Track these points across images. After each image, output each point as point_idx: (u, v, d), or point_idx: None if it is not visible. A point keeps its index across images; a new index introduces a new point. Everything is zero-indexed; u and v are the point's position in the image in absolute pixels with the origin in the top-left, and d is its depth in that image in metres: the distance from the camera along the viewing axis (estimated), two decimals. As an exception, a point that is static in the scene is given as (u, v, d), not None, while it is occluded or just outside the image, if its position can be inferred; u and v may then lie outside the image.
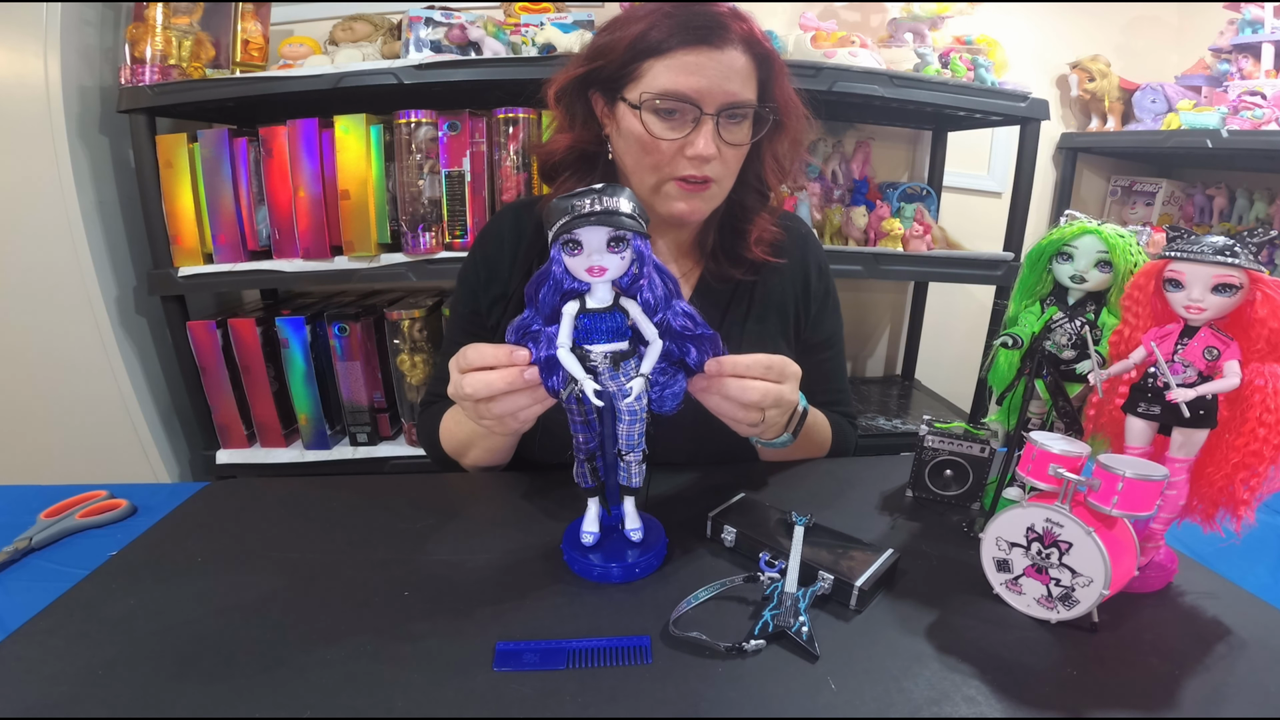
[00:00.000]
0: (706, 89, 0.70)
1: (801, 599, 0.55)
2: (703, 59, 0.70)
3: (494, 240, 0.88)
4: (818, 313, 0.91)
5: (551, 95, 0.80)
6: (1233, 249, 0.50)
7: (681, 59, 0.70)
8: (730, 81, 0.71)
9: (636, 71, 0.73)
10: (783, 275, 0.88)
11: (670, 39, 0.71)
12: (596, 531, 0.63)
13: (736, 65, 0.72)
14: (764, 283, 0.87)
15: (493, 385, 0.57)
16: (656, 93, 0.71)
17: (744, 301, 0.87)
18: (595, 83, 0.77)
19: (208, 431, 1.51)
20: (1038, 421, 0.67)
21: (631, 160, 0.76)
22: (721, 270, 0.85)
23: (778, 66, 0.76)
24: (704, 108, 0.71)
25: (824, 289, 0.91)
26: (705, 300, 0.87)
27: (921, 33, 1.62)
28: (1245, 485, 0.53)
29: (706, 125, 0.71)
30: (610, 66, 0.74)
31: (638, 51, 0.72)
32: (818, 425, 0.86)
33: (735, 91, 0.72)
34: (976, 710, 0.46)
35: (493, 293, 0.87)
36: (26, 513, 0.72)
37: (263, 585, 0.60)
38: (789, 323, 0.89)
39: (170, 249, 1.40)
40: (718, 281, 0.86)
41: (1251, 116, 1.46)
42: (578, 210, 0.51)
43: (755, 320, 0.86)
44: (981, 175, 1.95)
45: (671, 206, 0.76)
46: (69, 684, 0.48)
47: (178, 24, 1.36)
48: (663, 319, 0.57)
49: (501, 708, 0.46)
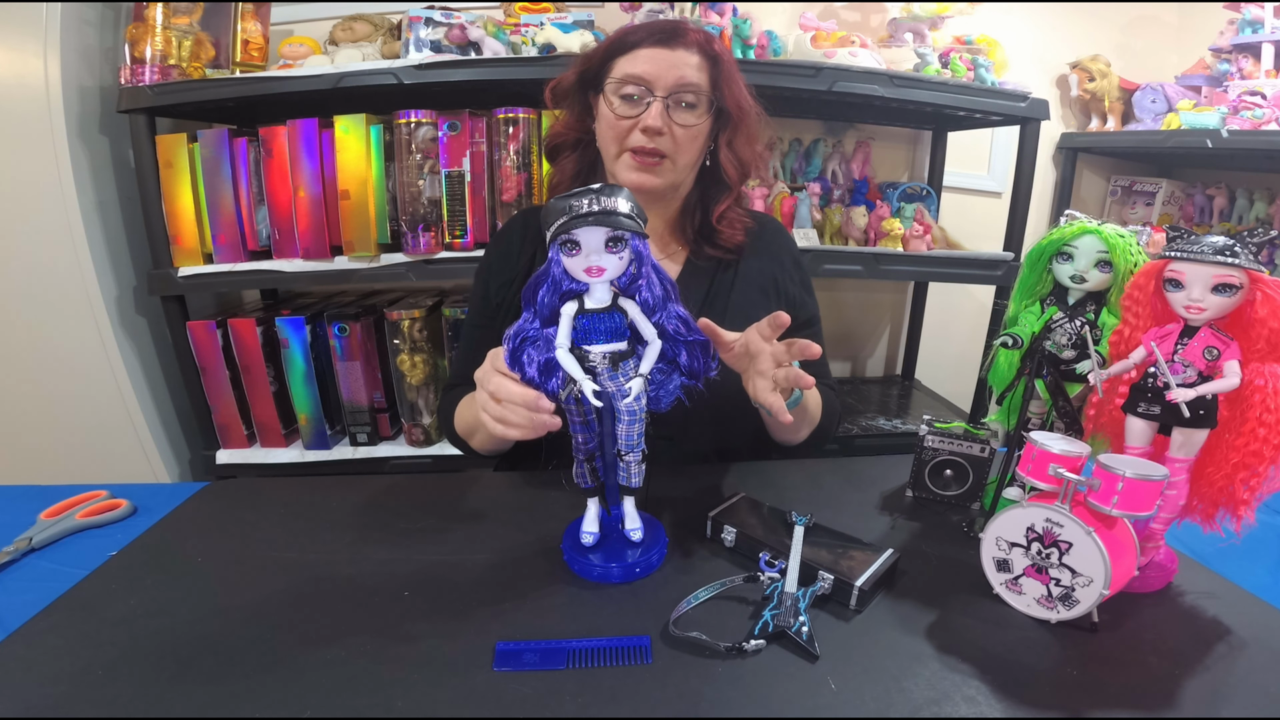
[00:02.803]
0: (658, 74, 0.85)
1: (801, 599, 0.55)
2: (659, 53, 0.86)
3: (505, 238, 1.01)
4: (797, 295, 1.00)
5: (549, 93, 0.97)
6: (1233, 249, 0.50)
7: (643, 53, 0.86)
8: (680, 70, 0.85)
9: (610, 68, 0.88)
10: (761, 260, 0.99)
11: (637, 41, 0.87)
12: (596, 531, 0.63)
13: (689, 60, 0.87)
14: (744, 264, 0.98)
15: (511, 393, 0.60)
16: (619, 78, 0.86)
17: (728, 277, 0.98)
18: (586, 83, 0.92)
19: (208, 431, 1.51)
20: (1038, 421, 0.67)
21: (602, 138, 0.91)
22: (703, 251, 0.98)
23: (727, 67, 0.90)
24: (654, 90, 0.85)
25: (800, 277, 1.03)
26: (693, 275, 0.97)
27: (921, 33, 1.62)
28: (1245, 485, 0.53)
29: (656, 105, 0.85)
30: (593, 67, 0.90)
31: (611, 51, 0.89)
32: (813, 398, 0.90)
33: (684, 76, 0.86)
34: (976, 710, 0.46)
35: (502, 279, 0.97)
36: (26, 513, 0.72)
37: (263, 585, 0.60)
38: (772, 301, 0.98)
39: (170, 249, 1.40)
40: (701, 260, 0.98)
41: (1251, 116, 1.46)
42: (575, 210, 0.51)
43: (739, 293, 0.97)
44: (981, 175, 1.95)
45: (626, 176, 0.90)
46: (69, 684, 0.48)
47: (178, 24, 1.36)
48: (659, 320, 0.57)
49: (501, 708, 0.46)
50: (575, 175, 0.97)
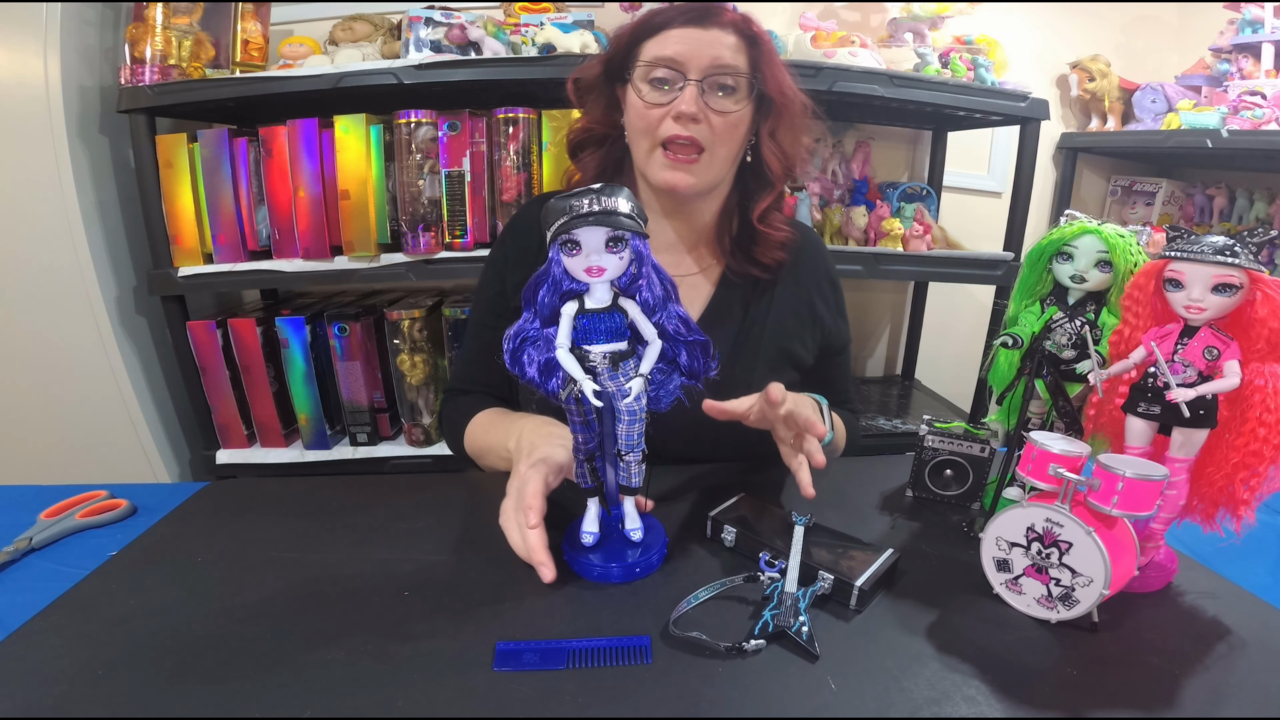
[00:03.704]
0: (691, 55, 0.77)
1: (801, 599, 0.55)
2: (692, 33, 0.78)
3: (521, 227, 0.94)
4: (831, 323, 0.96)
5: (571, 86, 0.91)
6: (1233, 249, 0.50)
7: (674, 33, 0.78)
8: (715, 50, 0.77)
9: (638, 52, 0.81)
10: (799, 282, 0.93)
11: (666, 20, 0.79)
12: (596, 531, 0.63)
13: (725, 40, 0.79)
14: (782, 285, 0.92)
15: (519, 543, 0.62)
16: (648, 61, 0.78)
17: (764, 300, 0.92)
18: (612, 73, 0.86)
19: (208, 431, 1.51)
20: (1038, 421, 0.67)
21: (631, 131, 0.84)
22: (740, 267, 0.91)
23: (768, 48, 0.82)
24: (688, 73, 0.77)
25: (837, 300, 0.97)
26: (728, 294, 0.91)
27: (921, 33, 1.62)
28: (1245, 485, 0.53)
29: (690, 89, 0.77)
30: (619, 54, 0.83)
31: (639, 35, 0.81)
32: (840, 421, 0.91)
33: (720, 56, 0.78)
34: (976, 710, 0.46)
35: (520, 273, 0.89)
36: (26, 513, 0.72)
37: (263, 585, 0.60)
38: (807, 328, 0.94)
39: (170, 249, 1.40)
40: (737, 277, 0.91)
41: (1251, 116, 1.46)
42: (576, 210, 0.51)
43: (775, 318, 0.91)
44: (981, 175, 1.95)
45: (660, 175, 0.82)
46: (69, 684, 0.48)
47: (178, 24, 1.36)
48: (659, 320, 0.57)
49: (501, 708, 0.46)
50: (599, 174, 0.91)
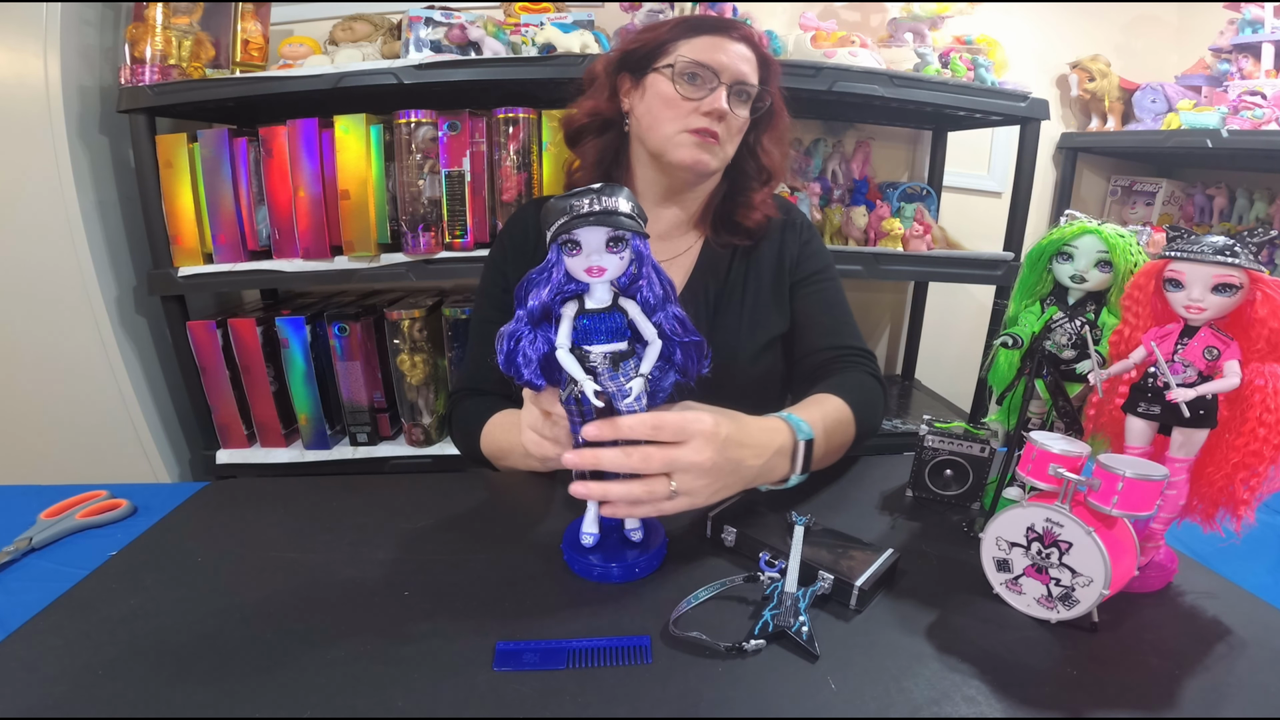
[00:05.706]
0: (725, 64, 0.88)
1: (801, 599, 0.55)
2: (722, 42, 0.89)
3: (519, 227, 1.00)
4: (799, 254, 1.00)
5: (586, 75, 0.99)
6: (1233, 249, 0.50)
7: (708, 40, 0.89)
8: (741, 65, 0.89)
9: (666, 49, 0.90)
10: (772, 241, 1.00)
11: (698, 27, 0.90)
12: (596, 532, 0.63)
13: (746, 55, 0.90)
14: (758, 249, 1.00)
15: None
16: (689, 60, 0.88)
17: (743, 265, 0.99)
18: (628, 64, 0.94)
19: (208, 431, 1.51)
20: (1038, 421, 0.67)
21: (653, 117, 0.91)
22: (720, 237, 0.99)
23: (774, 68, 0.94)
24: (721, 78, 0.88)
25: (806, 238, 1.02)
26: (708, 265, 0.98)
27: (921, 33, 1.62)
28: (1245, 485, 0.53)
29: (721, 90, 0.88)
30: (646, 48, 0.92)
31: (672, 36, 0.91)
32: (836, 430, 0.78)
33: (745, 73, 0.89)
34: (976, 710, 0.46)
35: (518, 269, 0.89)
36: (26, 513, 0.72)
37: (263, 585, 0.60)
38: (780, 278, 0.99)
39: (170, 249, 1.40)
40: (719, 246, 0.99)
41: (1251, 116, 1.46)
42: (576, 210, 0.51)
43: (753, 280, 0.98)
44: (981, 175, 1.95)
45: (683, 153, 0.90)
46: (69, 684, 0.48)
47: (178, 24, 1.36)
48: (658, 320, 0.57)
49: (501, 708, 0.46)
50: (598, 162, 0.97)
